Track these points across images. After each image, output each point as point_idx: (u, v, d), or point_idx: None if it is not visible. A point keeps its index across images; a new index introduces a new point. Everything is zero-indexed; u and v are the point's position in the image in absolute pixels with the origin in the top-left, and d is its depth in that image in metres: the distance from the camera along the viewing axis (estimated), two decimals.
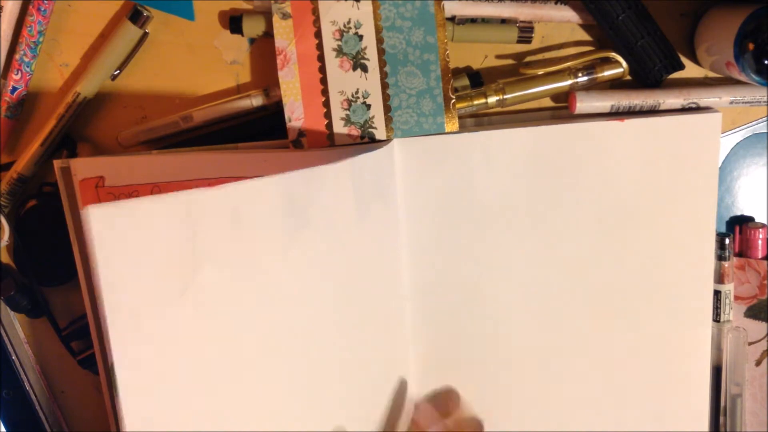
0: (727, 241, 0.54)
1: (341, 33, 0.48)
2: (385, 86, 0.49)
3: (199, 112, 0.51)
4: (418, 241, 0.52)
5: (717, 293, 0.54)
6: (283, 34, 0.48)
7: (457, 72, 0.52)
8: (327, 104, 0.49)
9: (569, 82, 0.51)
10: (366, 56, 0.48)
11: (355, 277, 0.47)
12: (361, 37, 0.48)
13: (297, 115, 0.49)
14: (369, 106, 0.49)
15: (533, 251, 0.53)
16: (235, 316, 0.40)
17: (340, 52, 0.48)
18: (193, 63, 0.52)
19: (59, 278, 0.54)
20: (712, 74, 0.53)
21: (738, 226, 0.55)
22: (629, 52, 0.50)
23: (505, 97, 0.51)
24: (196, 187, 0.38)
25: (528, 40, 0.51)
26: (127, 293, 0.35)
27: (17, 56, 0.50)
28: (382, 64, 0.48)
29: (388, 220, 0.50)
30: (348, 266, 0.47)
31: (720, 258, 0.54)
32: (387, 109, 0.49)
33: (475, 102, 0.51)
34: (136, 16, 0.50)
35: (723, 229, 0.56)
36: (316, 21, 0.48)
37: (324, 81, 0.48)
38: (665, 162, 0.51)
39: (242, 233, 0.40)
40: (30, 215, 0.53)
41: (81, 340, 0.55)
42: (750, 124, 0.54)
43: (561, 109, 0.53)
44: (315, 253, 0.44)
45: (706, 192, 0.52)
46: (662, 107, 0.51)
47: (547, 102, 0.53)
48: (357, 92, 0.49)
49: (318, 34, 0.48)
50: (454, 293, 0.53)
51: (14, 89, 0.50)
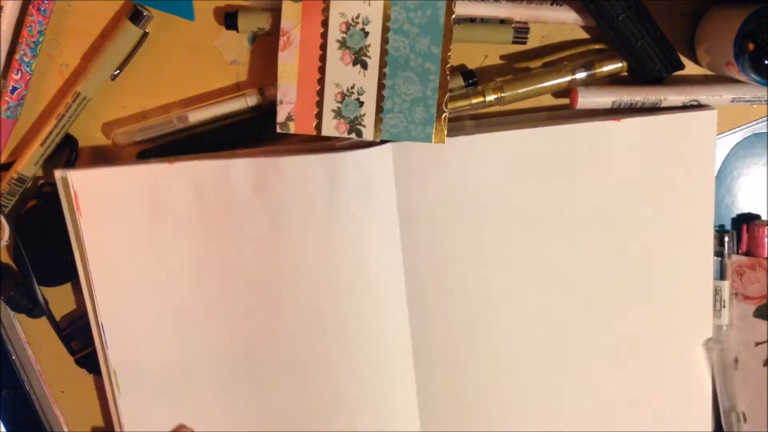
0: (726, 238, 0.53)
1: (348, 26, 0.48)
2: (381, 87, 0.49)
3: (195, 112, 0.51)
4: (413, 245, 0.52)
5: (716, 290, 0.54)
6: (291, 16, 0.48)
7: (452, 70, 0.52)
8: (321, 93, 0.49)
9: (568, 78, 0.51)
10: (368, 54, 0.48)
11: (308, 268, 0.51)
12: (366, 34, 0.48)
13: (289, 99, 0.49)
14: (362, 104, 0.49)
15: (531, 253, 0.53)
16: (188, 263, 0.51)
17: (343, 44, 0.48)
18: (193, 63, 0.52)
19: (59, 278, 0.54)
20: (712, 74, 0.53)
21: (745, 225, 0.55)
22: (629, 52, 0.50)
23: (504, 95, 0.51)
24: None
25: (523, 41, 0.51)
26: (105, 239, 0.51)
27: (17, 56, 0.50)
28: (382, 64, 0.48)
29: (373, 219, 0.50)
30: (306, 254, 0.51)
31: (719, 255, 0.54)
32: (379, 109, 0.49)
33: (474, 101, 0.51)
34: (136, 16, 0.50)
35: (729, 228, 0.56)
36: (326, 10, 0.48)
37: (322, 70, 0.49)
38: (662, 160, 0.51)
39: (203, 205, 0.50)
40: (30, 215, 0.53)
41: (81, 339, 0.55)
42: (750, 124, 0.54)
43: (561, 109, 0.53)
44: (270, 230, 0.50)
45: (703, 189, 0.52)
46: (664, 104, 0.51)
47: (547, 99, 0.53)
48: (352, 87, 0.49)
49: (325, 23, 0.48)
50: (451, 297, 0.53)
51: (14, 89, 0.50)
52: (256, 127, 0.52)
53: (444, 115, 0.49)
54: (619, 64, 0.51)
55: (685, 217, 0.52)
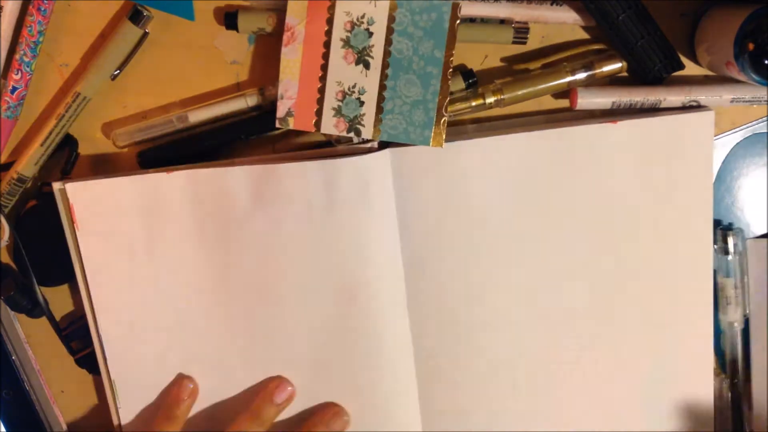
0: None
1: (353, 25, 0.48)
2: (382, 87, 0.49)
3: (194, 112, 0.51)
4: (412, 249, 0.51)
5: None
6: (296, 12, 0.48)
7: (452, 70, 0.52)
8: (322, 91, 0.49)
9: (568, 79, 0.51)
10: (371, 54, 0.48)
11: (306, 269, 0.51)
12: (371, 34, 0.48)
13: (290, 94, 0.49)
14: (362, 103, 0.49)
15: (531, 256, 0.53)
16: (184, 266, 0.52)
17: (347, 43, 0.48)
18: (193, 63, 0.52)
19: (59, 278, 0.54)
20: (712, 74, 0.53)
21: None
22: (629, 52, 0.50)
23: (503, 97, 0.51)
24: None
25: (523, 41, 0.51)
26: (102, 250, 0.51)
27: (17, 56, 0.50)
28: (385, 65, 0.48)
29: (372, 224, 0.50)
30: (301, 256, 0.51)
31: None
32: (379, 110, 0.49)
33: (473, 103, 0.51)
34: (136, 16, 0.50)
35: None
36: (331, 8, 0.48)
37: (324, 68, 0.49)
38: (660, 162, 0.51)
39: (201, 213, 0.50)
40: (30, 215, 0.53)
41: (81, 340, 0.55)
42: (750, 124, 0.54)
43: (560, 111, 0.53)
44: (269, 237, 0.51)
45: (702, 190, 0.52)
46: (663, 105, 0.51)
47: (548, 100, 0.53)
48: (354, 86, 0.49)
49: (330, 21, 0.48)
50: (451, 300, 0.53)
51: (14, 89, 0.51)
52: (256, 127, 0.52)
53: (443, 119, 0.49)
54: (619, 65, 0.51)
55: (684, 218, 0.52)
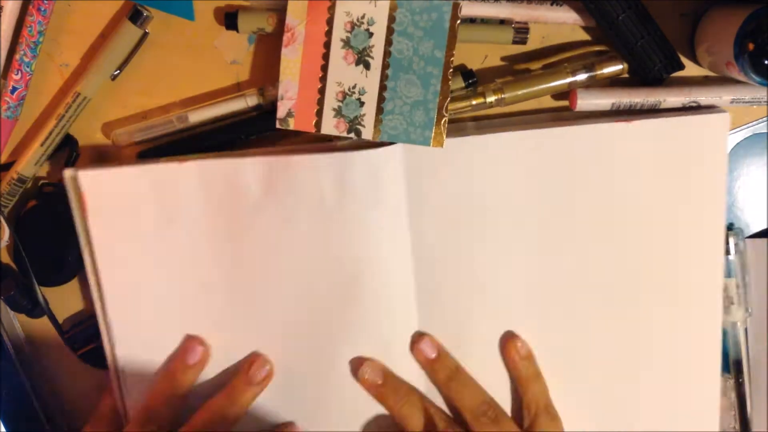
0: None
1: (353, 26, 0.48)
2: (383, 88, 0.49)
3: (195, 112, 0.51)
4: (422, 243, 0.52)
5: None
6: (296, 13, 0.48)
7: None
8: (322, 91, 0.49)
9: (568, 80, 0.51)
10: (371, 54, 0.48)
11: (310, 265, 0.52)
12: (371, 35, 0.48)
13: (290, 95, 0.49)
14: (362, 104, 0.49)
15: (540, 254, 0.53)
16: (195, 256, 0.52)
17: (347, 43, 0.48)
18: (193, 63, 0.52)
19: (59, 278, 0.54)
20: (712, 74, 0.53)
21: None
22: (629, 53, 0.50)
23: (504, 96, 0.51)
24: None
25: (523, 41, 0.51)
26: (113, 239, 0.51)
27: (17, 56, 0.50)
28: (385, 65, 0.48)
29: (383, 218, 0.50)
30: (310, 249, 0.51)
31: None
32: (379, 110, 0.49)
33: (474, 102, 0.51)
34: (136, 16, 0.50)
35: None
36: (331, 8, 0.48)
37: (325, 68, 0.49)
38: (673, 163, 0.51)
39: (213, 204, 0.50)
40: (30, 215, 0.53)
41: (81, 340, 0.55)
42: (750, 124, 0.54)
43: (562, 110, 0.53)
44: (280, 229, 0.51)
45: (715, 192, 0.52)
46: (663, 105, 0.51)
47: (548, 100, 0.53)
48: (354, 87, 0.49)
49: (330, 21, 0.48)
50: (460, 295, 0.53)
51: (14, 89, 0.50)
52: (256, 127, 0.52)
53: (444, 119, 0.49)
54: (620, 66, 0.51)
55: (696, 219, 0.52)
